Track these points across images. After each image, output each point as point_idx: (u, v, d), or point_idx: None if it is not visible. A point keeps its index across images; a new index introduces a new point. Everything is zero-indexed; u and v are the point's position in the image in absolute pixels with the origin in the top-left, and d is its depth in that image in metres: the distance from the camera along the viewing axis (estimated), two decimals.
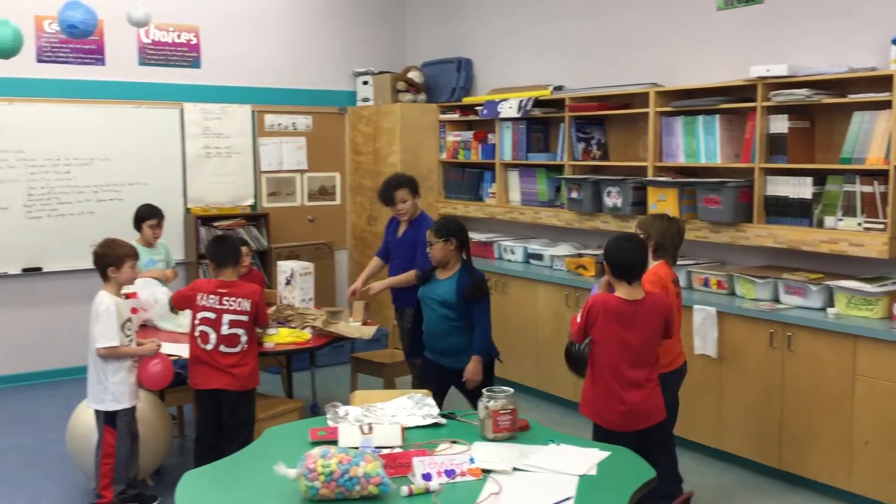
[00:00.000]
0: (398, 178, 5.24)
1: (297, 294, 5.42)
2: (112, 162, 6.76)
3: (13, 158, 6.35)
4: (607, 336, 3.50)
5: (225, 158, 7.31)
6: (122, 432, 4.10)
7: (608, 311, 3.49)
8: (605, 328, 3.49)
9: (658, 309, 3.59)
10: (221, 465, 2.98)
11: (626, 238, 3.66)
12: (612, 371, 3.51)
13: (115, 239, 4.25)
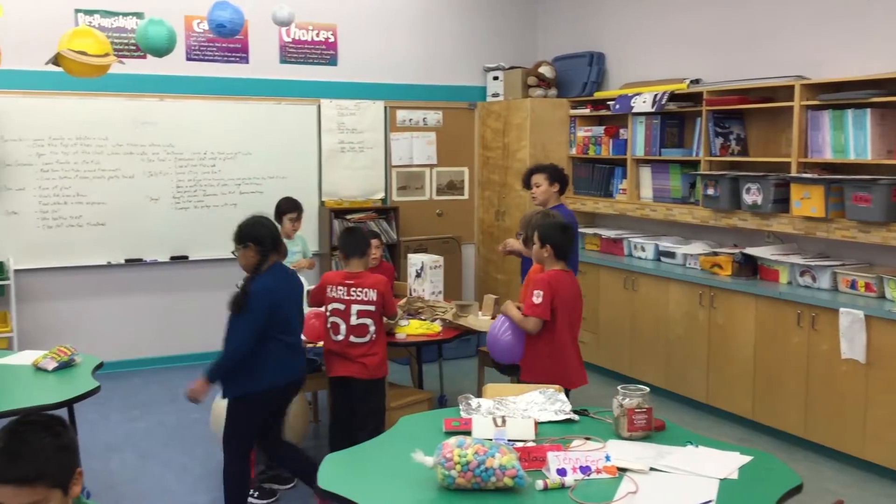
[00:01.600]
0: (541, 164, 5.36)
1: (427, 287, 5.50)
2: (253, 156, 7.06)
3: (163, 152, 6.73)
4: (568, 305, 4.07)
5: (358, 153, 7.50)
6: None
7: (564, 282, 4.06)
8: (566, 299, 4.05)
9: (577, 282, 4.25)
10: (359, 450, 3.06)
11: (566, 224, 4.22)
12: (573, 336, 4.14)
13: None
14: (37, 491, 1.80)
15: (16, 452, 1.80)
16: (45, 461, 1.82)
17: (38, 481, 1.80)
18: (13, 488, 1.78)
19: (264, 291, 3.74)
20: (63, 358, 4.14)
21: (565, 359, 4.10)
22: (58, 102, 6.32)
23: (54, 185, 6.38)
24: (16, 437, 1.83)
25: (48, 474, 1.82)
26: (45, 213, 6.37)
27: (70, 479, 1.89)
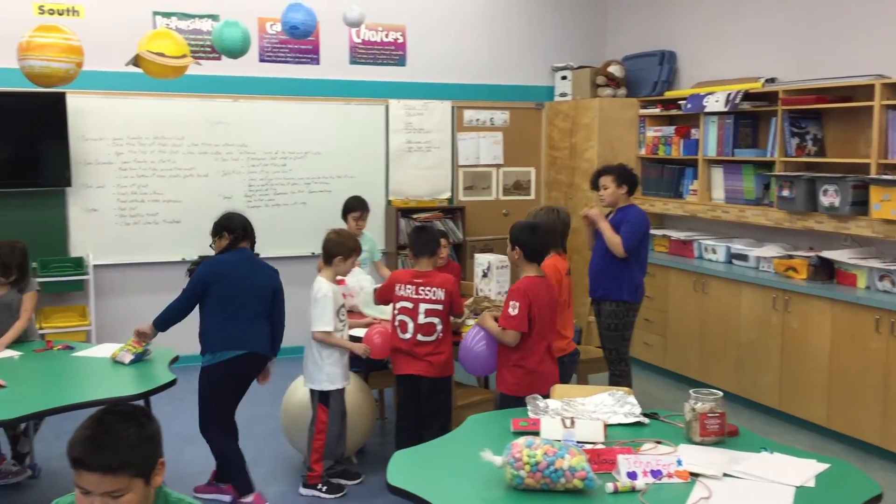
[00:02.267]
0: (608, 166, 5.28)
1: (494, 287, 5.49)
2: (323, 156, 7.15)
3: (237, 152, 6.88)
4: (544, 314, 3.88)
5: (425, 153, 7.54)
6: (333, 411, 4.34)
7: (538, 289, 3.88)
8: (541, 308, 3.86)
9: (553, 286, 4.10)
10: (427, 447, 3.08)
11: (537, 225, 4.09)
12: (548, 344, 3.96)
13: (349, 232, 4.52)
14: (120, 479, 1.84)
15: (101, 441, 1.84)
16: (129, 451, 1.86)
17: (121, 470, 1.84)
18: (98, 476, 1.83)
19: (208, 265, 4.26)
20: (138, 349, 4.26)
21: (542, 368, 3.90)
22: (136, 103, 6.51)
23: (132, 183, 6.58)
24: (102, 427, 1.88)
25: (132, 464, 1.86)
26: (122, 210, 6.58)
27: (153, 470, 1.93)
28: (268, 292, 4.29)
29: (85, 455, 1.83)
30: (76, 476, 1.86)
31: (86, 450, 1.83)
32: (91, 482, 1.83)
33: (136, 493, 1.88)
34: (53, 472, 4.72)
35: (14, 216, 6.21)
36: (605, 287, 5.12)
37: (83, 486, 1.85)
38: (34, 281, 4.69)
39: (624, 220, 5.05)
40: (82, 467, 1.84)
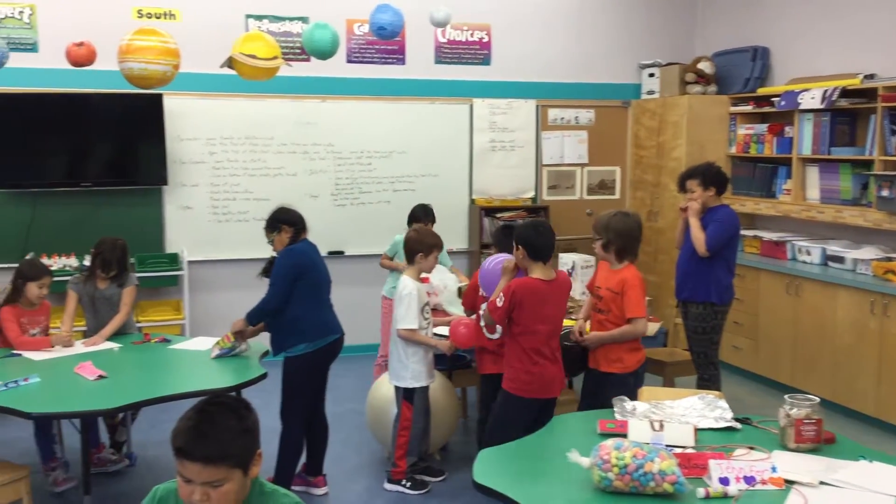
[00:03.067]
0: (694, 168, 5.11)
1: (578, 286, 5.44)
2: (407, 155, 7.22)
3: (324, 151, 7.00)
4: (532, 315, 3.74)
5: (509, 152, 7.52)
6: (417, 408, 4.38)
7: (531, 293, 3.74)
8: (530, 308, 3.73)
9: (567, 286, 3.98)
10: (513, 447, 3.07)
11: (540, 224, 3.97)
12: (535, 346, 3.78)
13: (429, 229, 4.55)
14: (220, 470, 1.89)
15: (204, 432, 1.90)
16: (230, 442, 1.91)
17: (221, 461, 1.89)
18: (199, 466, 1.88)
19: (292, 256, 4.27)
20: (226, 345, 4.38)
21: (538, 369, 3.82)
22: (229, 104, 6.70)
23: (224, 181, 6.77)
24: (205, 418, 1.94)
25: (232, 455, 1.91)
26: (215, 208, 6.78)
27: (251, 461, 1.98)
28: (330, 278, 4.48)
29: (188, 445, 1.89)
30: (178, 465, 1.92)
31: (189, 440, 1.90)
32: (193, 471, 1.90)
33: (235, 483, 1.93)
34: (149, 460, 4.90)
35: (114, 214, 6.47)
36: (692, 288, 5.01)
37: (185, 474, 1.91)
38: (133, 276, 4.87)
39: (712, 220, 4.94)
40: (185, 457, 1.90)
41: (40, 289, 4.47)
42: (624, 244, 3.94)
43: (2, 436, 5.09)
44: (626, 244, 3.95)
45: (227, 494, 1.92)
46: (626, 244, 3.95)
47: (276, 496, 2.06)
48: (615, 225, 3.94)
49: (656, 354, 5.61)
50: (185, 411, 1.98)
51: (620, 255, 3.96)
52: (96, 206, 6.46)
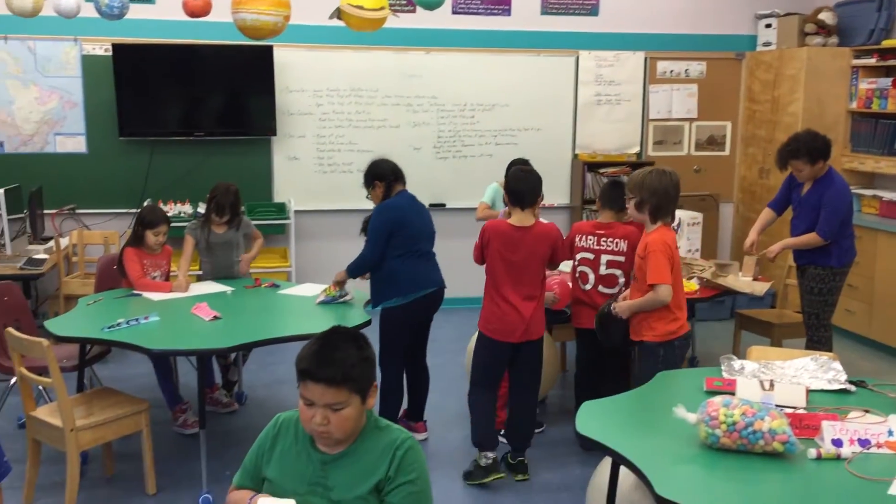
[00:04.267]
0: (794, 145, 4.76)
1: (683, 244, 5.33)
2: (510, 108, 7.16)
3: (427, 103, 7.01)
4: (496, 257, 3.91)
5: (614, 105, 7.36)
6: None
7: (497, 235, 3.90)
8: (497, 251, 3.89)
9: (544, 237, 3.93)
10: (615, 400, 3.05)
11: (525, 168, 4.02)
12: (498, 288, 3.92)
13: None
14: (341, 392, 1.99)
15: (327, 356, 2.01)
16: (351, 367, 2.01)
17: (343, 384, 1.99)
18: (322, 387, 1.99)
19: (385, 211, 4.33)
20: (332, 293, 4.48)
21: (500, 312, 3.96)
22: (336, 56, 6.77)
23: (330, 133, 6.88)
24: (328, 344, 2.05)
25: (352, 379, 2.01)
26: (321, 159, 6.91)
27: (368, 389, 2.08)
28: (433, 229, 4.51)
29: (312, 367, 2.00)
30: (302, 387, 2.03)
31: (313, 362, 2.01)
32: (315, 392, 2.00)
33: (354, 409, 2.03)
34: (259, 400, 5.11)
35: (225, 163, 6.68)
36: (811, 255, 4.81)
37: (308, 396, 2.02)
38: (247, 220, 5.02)
39: (822, 201, 4.67)
40: (309, 378, 2.01)
41: (156, 236, 4.66)
42: (658, 203, 3.69)
43: (120, 373, 5.38)
44: (661, 204, 3.69)
45: (346, 419, 2.02)
46: (660, 203, 3.69)
47: (390, 430, 2.14)
48: (650, 182, 3.69)
49: (763, 315, 5.48)
50: (309, 340, 2.09)
51: (654, 216, 3.72)
52: (208, 156, 6.69)
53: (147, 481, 3.86)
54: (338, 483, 2.06)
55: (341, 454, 2.09)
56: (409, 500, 2.03)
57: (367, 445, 2.09)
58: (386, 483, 2.04)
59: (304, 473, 2.08)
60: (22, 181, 5.98)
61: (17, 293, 4.52)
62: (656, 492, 2.28)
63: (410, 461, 2.06)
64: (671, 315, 3.69)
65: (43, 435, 3.70)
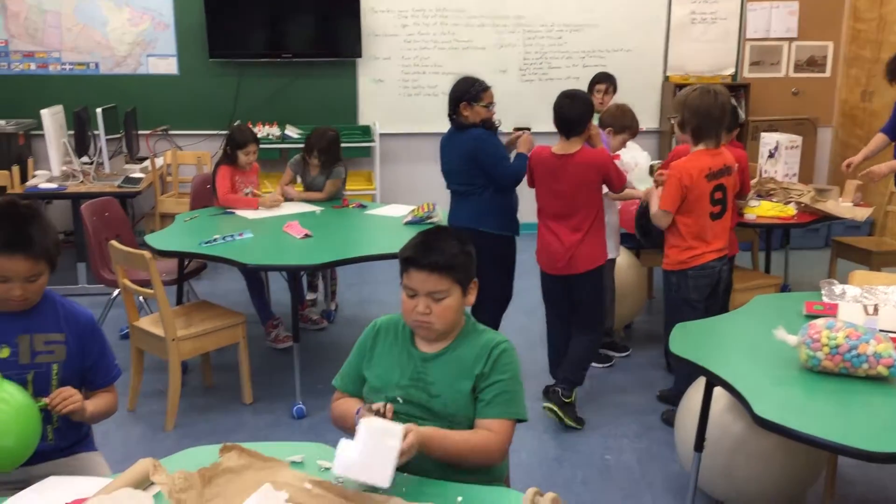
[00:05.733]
0: None
1: (780, 168, 5.14)
2: (599, 28, 6.95)
3: (513, 24, 6.87)
4: (540, 185, 3.80)
5: (709, 24, 7.07)
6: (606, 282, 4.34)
7: (539, 163, 3.78)
8: (538, 178, 3.80)
9: (589, 165, 3.68)
10: (710, 323, 3.02)
11: (569, 95, 3.76)
12: (543, 217, 3.83)
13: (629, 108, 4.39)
14: (443, 280, 2.05)
15: (431, 245, 2.07)
16: (452, 257, 2.07)
17: (445, 272, 2.05)
18: (425, 274, 2.04)
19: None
20: (420, 214, 4.50)
21: (543, 242, 3.88)
22: None
23: (415, 55, 6.82)
24: (431, 235, 2.12)
25: (455, 267, 2.07)
26: (405, 81, 6.87)
27: (469, 283, 2.13)
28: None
29: (416, 254, 2.07)
30: (405, 277, 2.09)
31: (418, 251, 2.07)
32: (418, 279, 2.05)
33: (454, 300, 2.09)
34: (347, 318, 5.22)
35: (311, 85, 6.72)
36: None
37: (411, 285, 2.07)
38: (341, 169, 4.96)
39: None
40: (412, 265, 2.07)
41: (246, 156, 4.73)
42: (699, 124, 3.54)
43: (214, 288, 5.56)
44: (702, 125, 3.54)
45: (447, 310, 2.08)
46: (701, 124, 3.54)
47: (487, 332, 2.18)
48: (692, 102, 3.55)
49: (861, 243, 5.31)
50: (414, 235, 2.15)
51: (696, 137, 3.59)
52: (295, 78, 6.72)
53: (244, 391, 4.02)
54: (437, 379, 2.10)
55: (441, 352, 2.13)
56: (500, 399, 2.06)
57: (466, 344, 2.14)
58: (480, 380, 2.08)
59: (405, 369, 2.14)
60: (117, 101, 6.14)
61: (118, 209, 4.68)
62: (754, 412, 2.25)
63: (505, 361, 2.10)
64: (685, 244, 3.62)
65: (146, 344, 3.87)
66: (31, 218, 2.14)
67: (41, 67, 6.53)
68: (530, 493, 1.72)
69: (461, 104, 3.99)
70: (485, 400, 2.07)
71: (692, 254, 3.62)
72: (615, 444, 3.68)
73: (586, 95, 3.83)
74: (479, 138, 3.97)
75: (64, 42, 6.50)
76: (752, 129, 6.81)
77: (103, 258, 4.38)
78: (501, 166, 3.95)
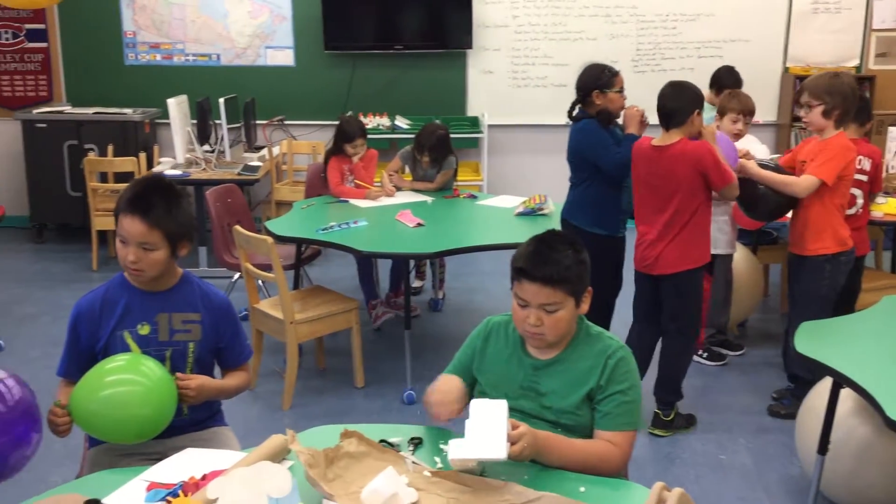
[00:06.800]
0: None
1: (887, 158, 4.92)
2: (716, 18, 6.77)
3: (626, 14, 6.76)
4: (637, 177, 3.61)
5: (833, 14, 6.79)
6: (717, 278, 4.26)
7: (637, 154, 3.58)
8: (634, 169, 3.61)
9: (683, 158, 3.40)
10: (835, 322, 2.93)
11: (673, 84, 3.52)
12: (637, 210, 3.63)
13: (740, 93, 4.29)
14: (556, 293, 1.98)
15: (545, 256, 2.00)
16: (567, 269, 1.99)
17: (559, 284, 1.98)
18: (538, 286, 1.98)
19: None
20: (531, 206, 4.50)
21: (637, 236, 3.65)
22: None
23: (525, 46, 6.80)
24: (544, 245, 2.03)
25: (568, 280, 1.99)
26: (515, 72, 6.86)
27: (583, 293, 2.05)
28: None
29: (529, 266, 2.00)
30: (516, 286, 2.04)
31: (531, 262, 2.00)
32: (530, 292, 1.99)
33: (568, 311, 2.01)
34: (455, 307, 5.27)
35: (421, 77, 6.80)
36: None
37: (522, 296, 2.01)
38: (452, 160, 4.99)
39: None
40: (525, 277, 2.00)
41: (354, 149, 4.82)
42: (846, 108, 3.50)
43: (326, 274, 5.70)
44: (849, 108, 3.51)
45: (559, 321, 2.01)
46: (847, 108, 3.51)
47: (601, 338, 2.09)
48: (840, 88, 3.47)
49: None
50: (526, 240, 2.08)
51: (839, 122, 3.52)
52: (406, 69, 6.81)
53: (356, 375, 4.11)
54: (550, 389, 2.06)
55: (553, 360, 2.08)
56: (620, 410, 2.00)
57: (579, 352, 2.07)
58: (597, 392, 2.02)
59: (516, 377, 2.10)
60: (235, 92, 6.35)
61: (240, 195, 4.85)
62: (887, 415, 2.17)
63: (623, 370, 2.02)
64: (839, 224, 3.56)
65: (265, 326, 4.01)
66: (162, 190, 2.23)
67: (166, 59, 6.82)
68: (657, 487, 1.71)
69: (594, 92, 3.86)
70: (603, 411, 2.01)
71: (845, 235, 3.58)
72: (730, 443, 3.59)
73: (693, 86, 3.57)
74: (582, 130, 3.89)
75: (187, 34, 6.78)
76: (878, 124, 6.50)
77: (225, 243, 4.56)
78: (606, 156, 3.78)
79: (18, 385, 1.96)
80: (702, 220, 3.50)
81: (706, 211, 3.51)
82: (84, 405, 2.06)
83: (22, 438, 1.92)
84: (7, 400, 1.91)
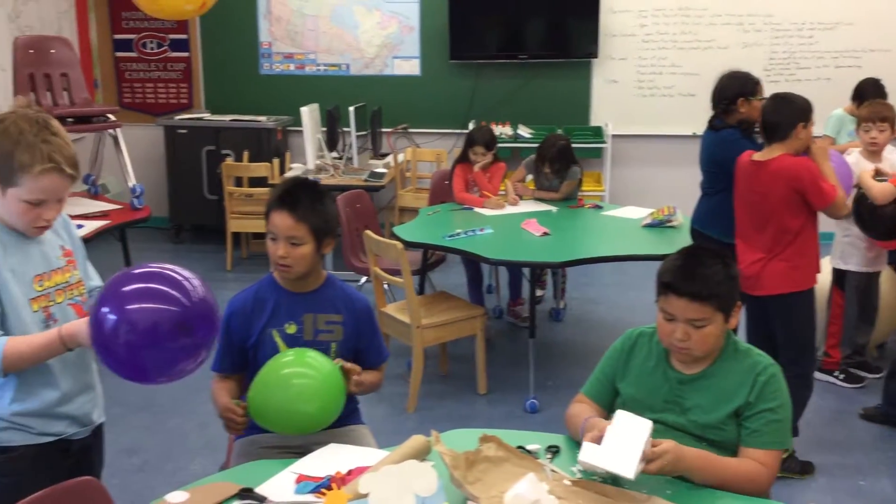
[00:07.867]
0: None
1: None
2: (855, 27, 6.50)
3: (760, 22, 6.58)
4: (736, 192, 3.45)
5: None
6: (848, 295, 4.09)
7: (739, 168, 3.42)
8: (735, 184, 3.44)
9: (780, 174, 3.19)
10: None
11: (777, 96, 3.32)
12: (739, 229, 3.44)
13: (875, 101, 4.11)
14: (704, 309, 1.95)
15: (693, 271, 1.98)
16: (717, 284, 1.97)
17: (707, 300, 1.95)
18: (685, 302, 1.96)
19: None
20: (659, 217, 4.43)
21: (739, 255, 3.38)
22: None
23: (652, 55, 6.71)
24: (694, 259, 2.02)
25: (717, 295, 1.96)
26: (641, 82, 6.78)
27: (732, 308, 2.02)
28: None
29: (676, 280, 1.98)
30: (662, 301, 2.01)
31: (678, 277, 1.98)
32: (677, 307, 1.97)
33: (716, 327, 1.98)
34: (574, 318, 5.24)
35: (545, 86, 6.81)
36: None
37: (669, 310, 2.00)
38: (576, 170, 4.98)
39: None
40: (672, 292, 1.98)
41: (474, 155, 4.88)
42: None
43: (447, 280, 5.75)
44: None
45: (707, 337, 1.98)
46: None
47: (750, 353, 2.05)
48: None
49: None
50: (671, 254, 2.06)
51: None
52: (529, 79, 6.83)
53: (479, 382, 4.15)
54: (695, 404, 2.03)
55: (699, 375, 2.04)
56: (769, 428, 1.95)
57: (727, 368, 2.03)
58: (745, 409, 1.98)
59: (660, 390, 2.07)
60: (364, 101, 6.52)
61: (368, 201, 4.98)
62: None
63: (773, 388, 1.98)
64: None
65: (392, 329, 4.10)
66: (308, 188, 2.34)
67: (298, 68, 7.08)
68: None
69: (739, 100, 3.77)
70: (751, 429, 1.97)
71: None
72: (870, 468, 3.44)
73: (799, 98, 3.28)
74: (725, 140, 3.81)
75: (319, 44, 7.01)
76: None
77: (353, 247, 4.69)
78: None
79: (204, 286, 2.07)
80: (807, 240, 3.27)
81: (811, 231, 3.28)
82: (265, 402, 2.12)
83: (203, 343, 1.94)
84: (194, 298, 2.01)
